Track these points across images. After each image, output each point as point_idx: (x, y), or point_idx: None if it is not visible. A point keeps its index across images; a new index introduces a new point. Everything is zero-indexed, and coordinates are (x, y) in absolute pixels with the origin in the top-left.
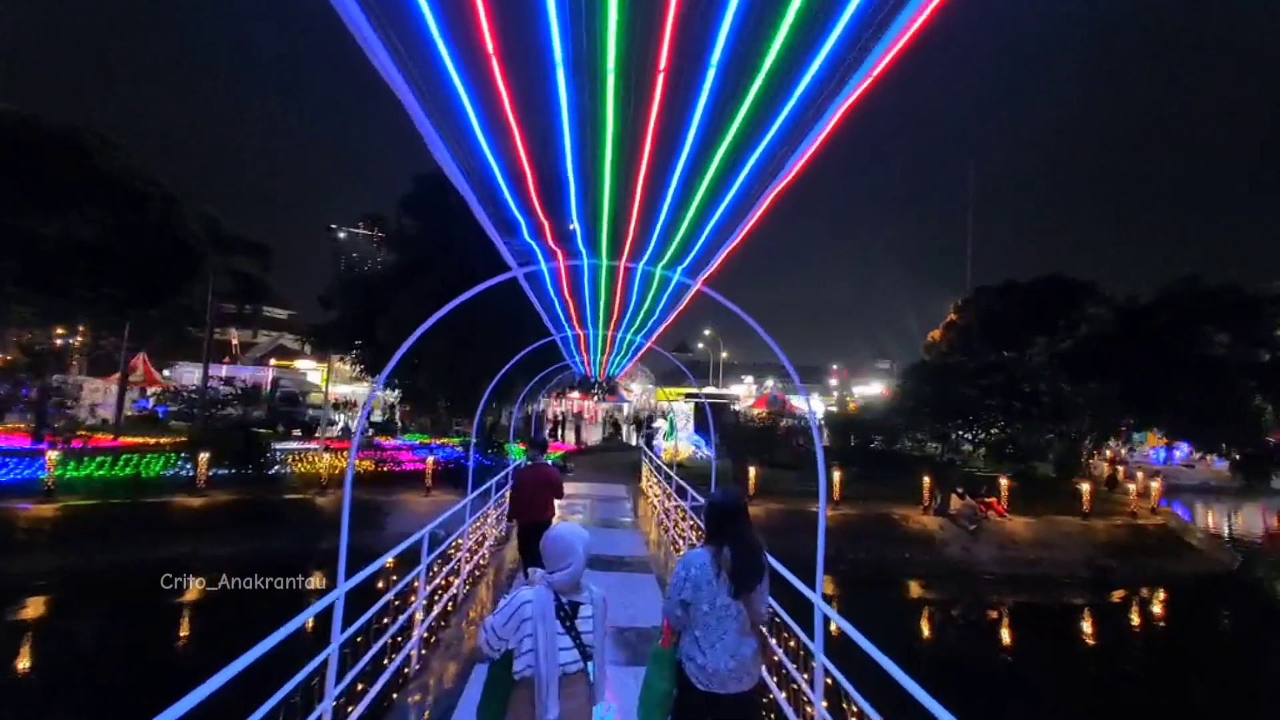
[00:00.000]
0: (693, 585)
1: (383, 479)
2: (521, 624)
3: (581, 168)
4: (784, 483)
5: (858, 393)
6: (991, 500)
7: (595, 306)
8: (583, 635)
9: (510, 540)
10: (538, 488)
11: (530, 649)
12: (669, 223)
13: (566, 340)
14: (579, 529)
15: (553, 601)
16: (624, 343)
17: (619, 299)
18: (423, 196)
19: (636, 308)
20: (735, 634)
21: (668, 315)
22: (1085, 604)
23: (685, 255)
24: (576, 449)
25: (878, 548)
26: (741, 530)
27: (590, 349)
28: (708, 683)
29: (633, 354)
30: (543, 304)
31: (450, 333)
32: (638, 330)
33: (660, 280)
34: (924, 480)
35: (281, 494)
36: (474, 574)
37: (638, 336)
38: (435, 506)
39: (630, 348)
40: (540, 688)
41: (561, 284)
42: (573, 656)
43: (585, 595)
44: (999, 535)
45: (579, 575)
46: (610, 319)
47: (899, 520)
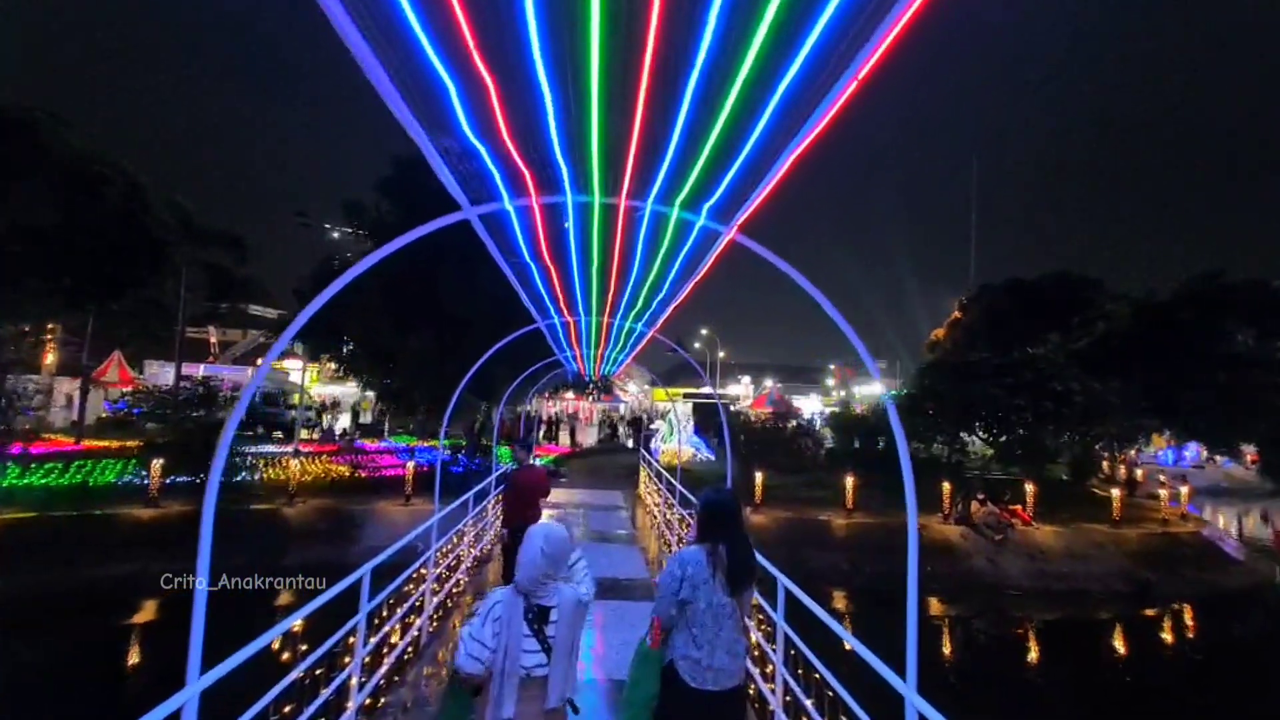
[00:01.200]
0: (690, 584)
1: (359, 486)
2: (494, 623)
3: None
4: (788, 488)
5: (858, 393)
6: (1015, 507)
7: (586, 279)
8: (550, 640)
9: (493, 560)
10: (529, 491)
11: (494, 648)
12: (684, 146)
13: (554, 329)
14: (550, 529)
15: (520, 604)
16: (622, 332)
17: (617, 263)
18: (401, 180)
19: (639, 279)
20: (732, 631)
21: (683, 285)
22: (1129, 622)
23: (710, 193)
24: (571, 452)
25: (896, 560)
26: (736, 529)
27: (583, 341)
28: (703, 680)
29: (632, 346)
30: (514, 270)
31: (430, 329)
32: (639, 315)
33: (676, 227)
34: (942, 486)
35: (246, 504)
36: (444, 607)
37: (638, 324)
38: (414, 517)
39: (629, 339)
40: (496, 685)
41: (538, 232)
42: (539, 660)
43: (555, 599)
44: (1026, 545)
45: (539, 575)
46: (606, 298)
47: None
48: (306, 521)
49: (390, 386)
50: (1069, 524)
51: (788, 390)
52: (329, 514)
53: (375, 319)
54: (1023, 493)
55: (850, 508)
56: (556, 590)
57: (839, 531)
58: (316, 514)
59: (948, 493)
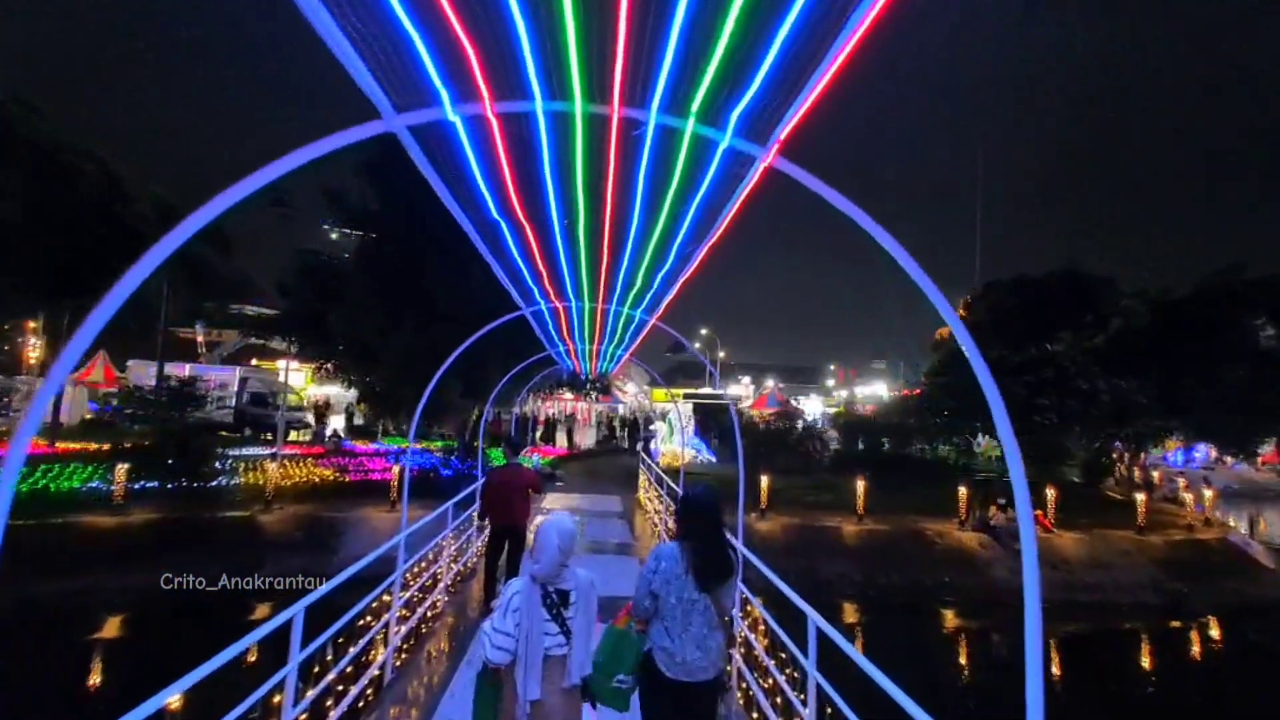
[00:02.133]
0: (662, 578)
1: (345, 491)
2: (514, 613)
3: None
4: (793, 491)
5: (859, 394)
6: (1036, 513)
7: (573, 250)
8: (568, 621)
9: (475, 578)
10: (510, 489)
11: (516, 635)
12: None
13: (540, 316)
14: (560, 521)
15: (538, 592)
16: (619, 321)
17: (610, 216)
18: (385, 161)
19: (639, 243)
20: (702, 626)
21: (693, 249)
22: (1161, 636)
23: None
24: (568, 453)
25: (911, 569)
26: (711, 528)
27: (575, 332)
28: (676, 671)
29: (631, 338)
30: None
31: (415, 326)
32: (637, 297)
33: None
34: (959, 490)
35: (219, 511)
36: (418, 634)
37: (637, 311)
38: (399, 524)
39: (628, 330)
40: (521, 669)
41: (501, 168)
42: (558, 641)
43: (572, 582)
44: (1048, 553)
45: (556, 565)
46: (598, 273)
47: (933, 537)
48: (284, 530)
49: (373, 386)
50: (1090, 530)
51: (788, 391)
52: (308, 522)
53: (360, 314)
54: (1042, 497)
55: (861, 513)
56: (572, 574)
57: (849, 539)
58: (295, 522)
59: (965, 498)
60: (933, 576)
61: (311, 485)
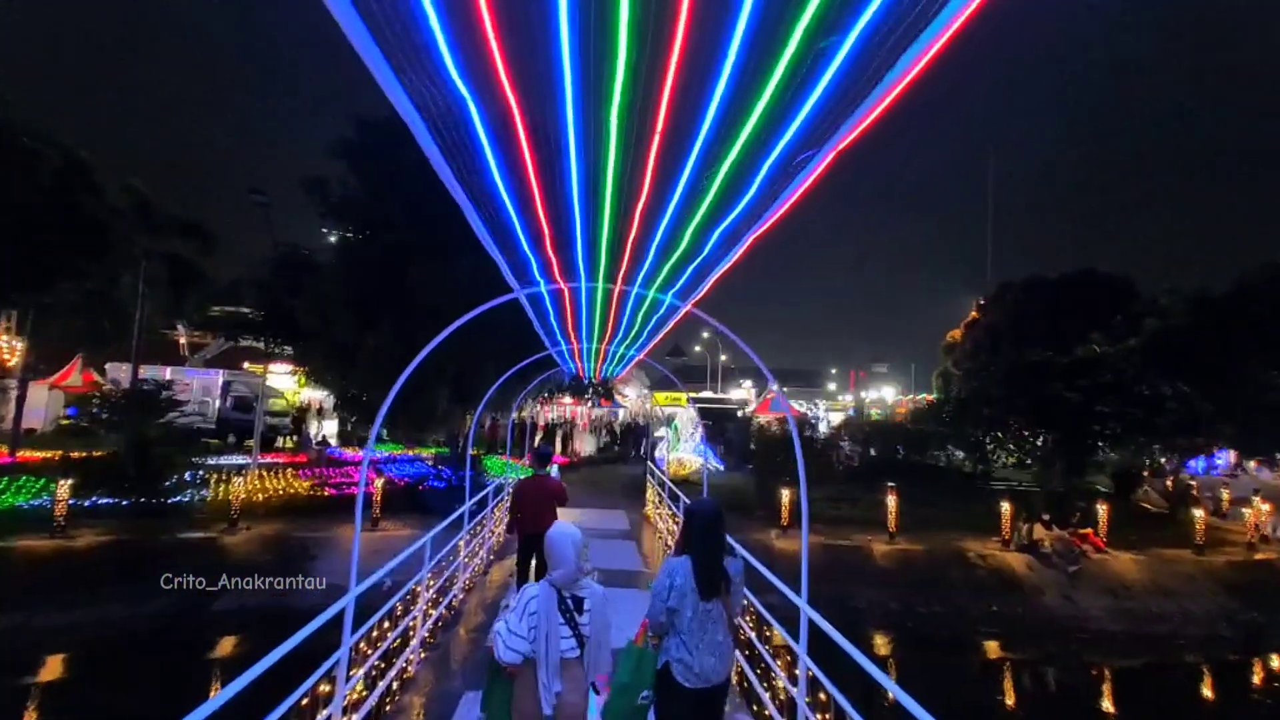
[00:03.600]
0: (678, 594)
1: (323, 506)
2: (530, 616)
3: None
4: (814, 504)
5: (866, 398)
6: (1087, 531)
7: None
8: (581, 627)
9: (461, 621)
10: (539, 501)
11: (535, 637)
12: None
13: (540, 302)
14: (572, 531)
15: (554, 596)
16: (641, 305)
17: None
18: (368, 147)
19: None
20: (717, 632)
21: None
22: (1239, 673)
23: None
24: (568, 462)
25: (953, 596)
26: (716, 540)
27: (582, 327)
28: (695, 681)
29: (653, 331)
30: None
31: (394, 323)
32: (670, 278)
33: None
34: (1000, 505)
35: (178, 531)
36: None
37: (666, 295)
38: (382, 545)
39: (652, 316)
40: (543, 668)
41: None
42: (571, 644)
43: (587, 591)
44: (1105, 577)
45: (574, 573)
46: (624, 246)
47: (975, 559)
48: (249, 553)
49: (348, 389)
50: (1144, 549)
51: (792, 395)
52: (278, 543)
53: (333, 309)
54: (1093, 513)
55: (893, 531)
56: (588, 584)
57: (881, 560)
58: (261, 543)
59: (1008, 514)
60: (978, 604)
61: (286, 499)
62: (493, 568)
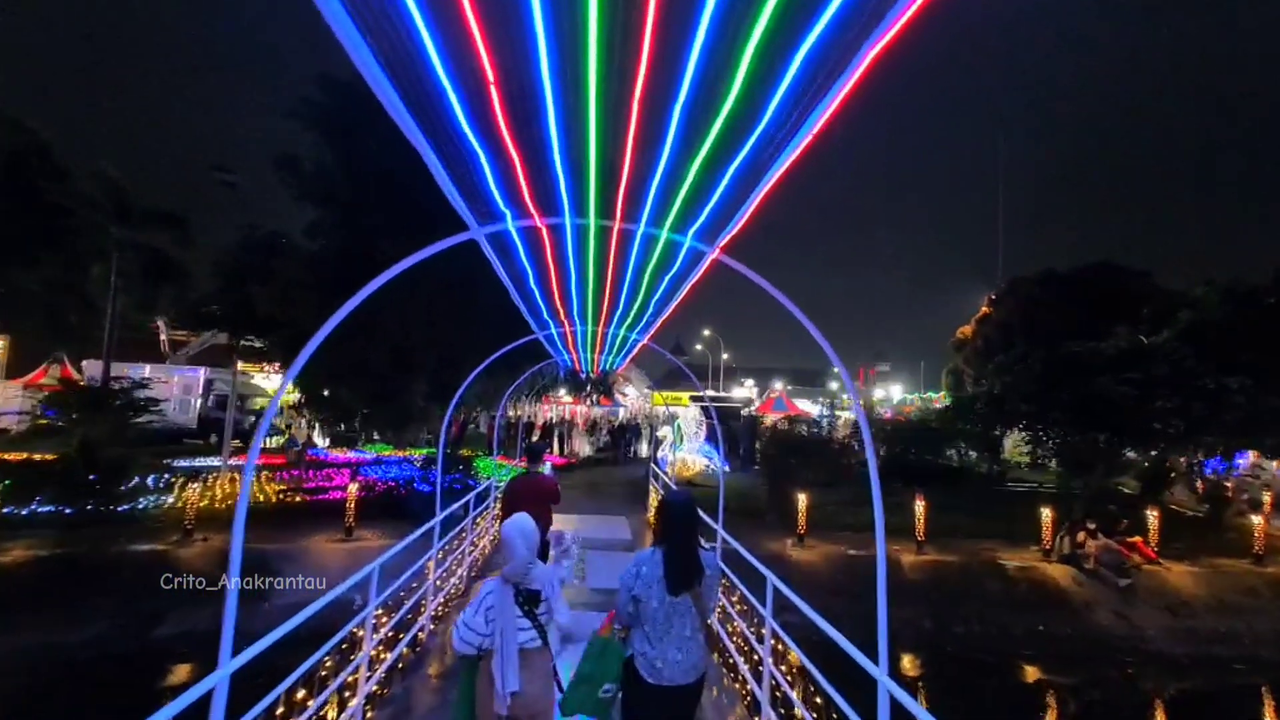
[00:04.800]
0: (644, 582)
1: (295, 513)
2: (486, 610)
3: None
4: (829, 509)
5: (874, 396)
6: (1136, 540)
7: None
8: (540, 617)
9: (435, 650)
10: (532, 499)
11: (491, 631)
12: None
13: (513, 254)
14: (523, 523)
15: (510, 592)
16: (616, 341)
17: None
18: (335, 111)
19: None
20: (683, 629)
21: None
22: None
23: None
24: (565, 463)
25: (993, 614)
26: (687, 532)
27: (574, 304)
28: (658, 677)
29: (626, 352)
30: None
31: (365, 308)
32: (632, 325)
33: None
34: (1041, 512)
35: (125, 543)
36: None
37: (633, 333)
38: (355, 559)
39: (623, 347)
40: (498, 663)
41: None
42: (531, 635)
43: (539, 580)
44: (1160, 592)
45: (522, 566)
46: (600, 307)
47: (1014, 572)
48: (203, 568)
49: (312, 383)
50: (1196, 560)
51: (794, 394)
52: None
53: (294, 293)
54: (1141, 520)
55: (921, 539)
56: (538, 573)
57: (910, 572)
58: (219, 557)
59: (1049, 522)
60: (1021, 623)
61: (251, 507)
62: (474, 588)
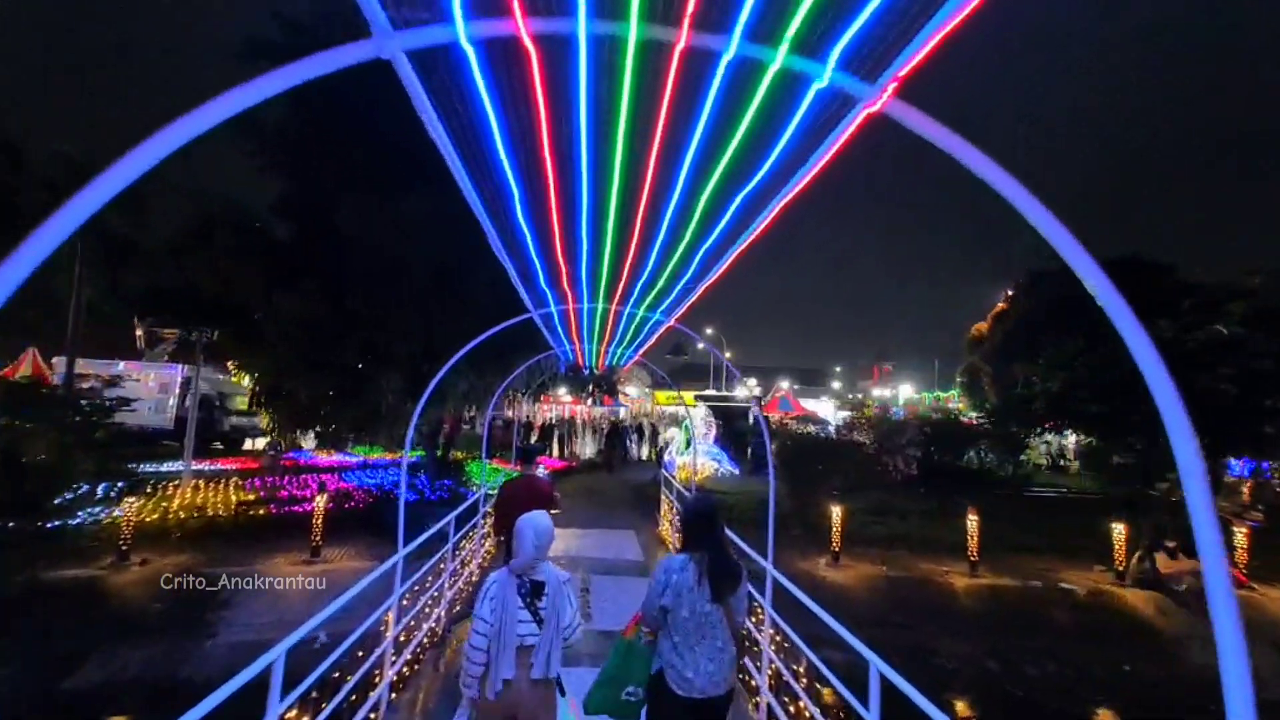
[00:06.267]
0: (673, 591)
1: (255, 528)
2: (491, 600)
3: None
4: (858, 521)
5: (877, 395)
6: None
7: None
8: (541, 611)
9: None
10: (529, 503)
11: (494, 620)
12: None
13: (508, 216)
14: (538, 520)
15: (513, 582)
16: (632, 324)
17: None
18: (296, 51)
19: None
20: (715, 639)
21: None
22: None
23: None
24: (565, 467)
25: (1067, 651)
26: (719, 536)
27: (584, 312)
28: (689, 689)
29: (645, 338)
30: None
31: (318, 280)
32: None
33: None
34: (1113, 528)
35: (55, 567)
36: None
37: None
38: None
39: (641, 331)
40: (495, 652)
41: None
42: (531, 630)
43: (546, 575)
44: (1262, 625)
45: (532, 559)
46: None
47: (1084, 598)
48: (138, 598)
49: (267, 379)
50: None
51: (800, 394)
52: (179, 584)
53: (232, 266)
54: (1227, 536)
55: (974, 559)
56: (546, 568)
57: (966, 599)
58: (158, 585)
59: (1122, 539)
60: (1102, 662)
61: (206, 521)
62: (454, 632)
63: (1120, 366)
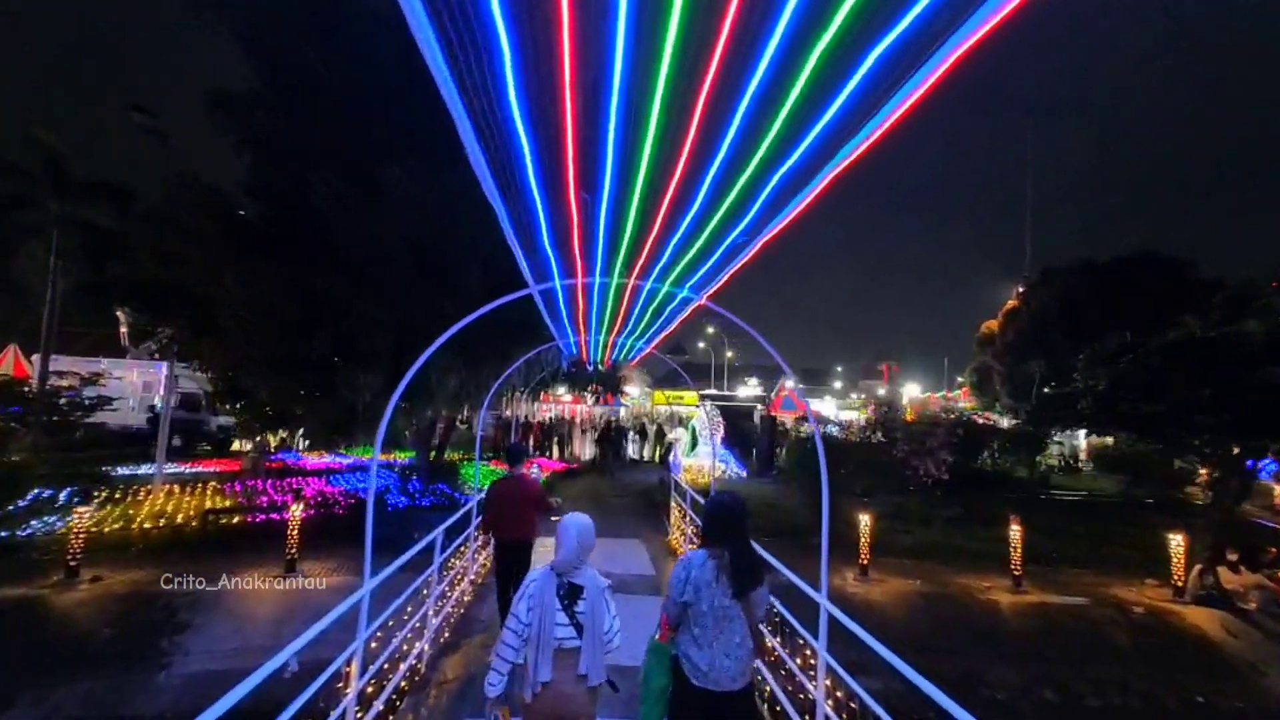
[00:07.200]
0: (694, 586)
1: (225, 538)
2: (529, 599)
3: None
4: (883, 529)
5: (882, 394)
6: (1277, 573)
7: None
8: (579, 615)
9: None
10: (515, 502)
11: (532, 620)
12: None
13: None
14: (581, 520)
15: (553, 582)
16: (653, 299)
17: None
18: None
19: None
20: (734, 634)
21: None
22: None
23: None
24: (565, 468)
25: (1130, 678)
26: (742, 533)
27: (594, 286)
28: (703, 680)
29: (667, 321)
30: None
31: (287, 262)
32: None
33: None
34: (1171, 540)
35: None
36: None
37: None
38: (289, 606)
39: (663, 310)
40: (533, 653)
41: None
42: (569, 633)
43: (586, 579)
44: None
45: (573, 557)
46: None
47: (1141, 616)
48: (84, 621)
49: (225, 376)
50: None
51: (804, 394)
52: (134, 602)
53: (176, 243)
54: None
55: (1018, 573)
56: (586, 572)
57: (1013, 619)
58: (110, 604)
59: (1181, 551)
60: (1172, 690)
61: (171, 531)
62: (441, 666)
63: (1182, 362)
